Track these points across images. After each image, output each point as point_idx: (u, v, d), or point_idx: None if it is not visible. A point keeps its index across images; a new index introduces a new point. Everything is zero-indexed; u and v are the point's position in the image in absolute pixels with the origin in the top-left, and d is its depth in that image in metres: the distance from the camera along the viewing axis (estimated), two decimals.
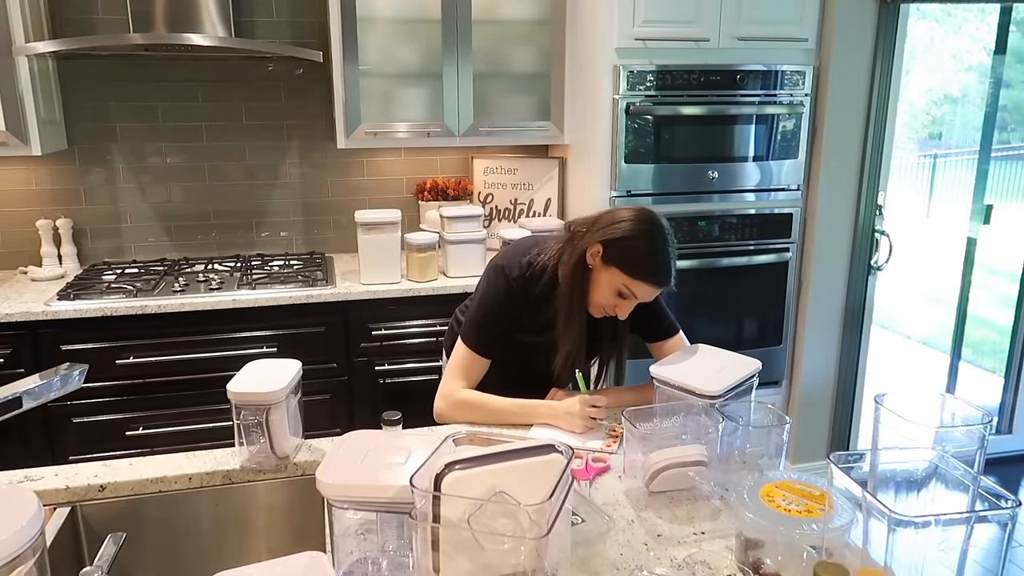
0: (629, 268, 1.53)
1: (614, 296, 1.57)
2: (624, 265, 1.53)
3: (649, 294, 1.56)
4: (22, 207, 2.80)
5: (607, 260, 1.55)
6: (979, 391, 3.69)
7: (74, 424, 2.43)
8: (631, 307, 1.58)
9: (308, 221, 3.09)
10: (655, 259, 1.53)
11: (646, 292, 1.55)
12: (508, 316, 1.66)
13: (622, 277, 1.54)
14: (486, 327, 1.67)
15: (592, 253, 1.57)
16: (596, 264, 1.57)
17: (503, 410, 1.60)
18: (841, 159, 2.87)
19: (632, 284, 1.54)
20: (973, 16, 3.79)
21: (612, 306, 1.59)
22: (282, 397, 1.32)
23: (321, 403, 2.60)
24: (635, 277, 1.53)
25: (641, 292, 1.55)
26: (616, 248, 1.54)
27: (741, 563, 1.09)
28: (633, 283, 1.53)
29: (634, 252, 1.53)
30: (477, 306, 1.70)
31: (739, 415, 1.35)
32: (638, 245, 1.53)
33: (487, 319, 1.67)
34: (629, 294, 1.55)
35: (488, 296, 1.68)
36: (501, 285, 1.65)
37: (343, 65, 2.66)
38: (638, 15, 2.53)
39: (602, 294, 1.58)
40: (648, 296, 1.56)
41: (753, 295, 2.90)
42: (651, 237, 1.53)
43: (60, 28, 2.68)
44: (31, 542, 0.79)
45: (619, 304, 1.58)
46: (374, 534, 1.06)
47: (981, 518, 0.91)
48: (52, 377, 1.09)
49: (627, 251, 1.53)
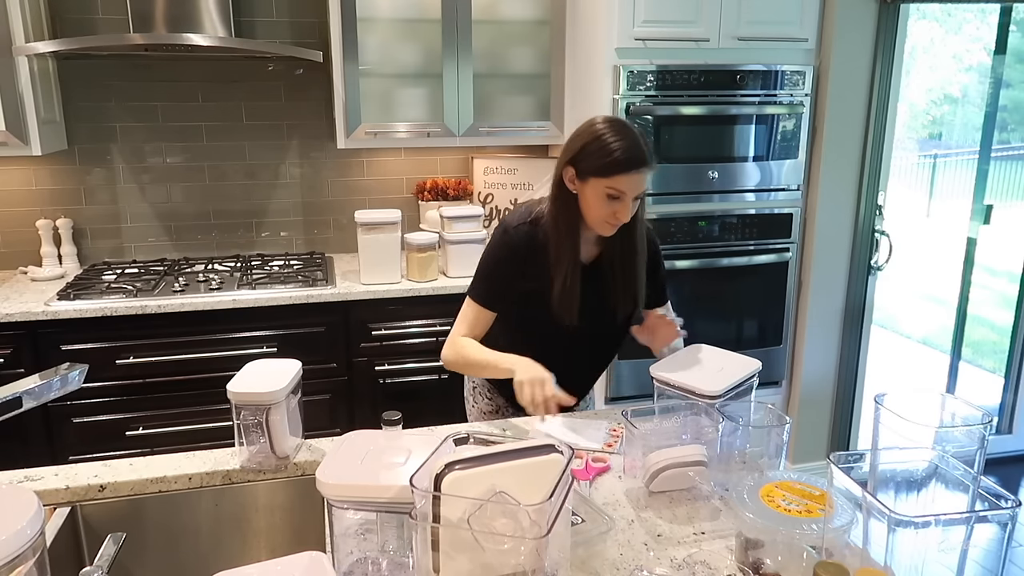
0: (605, 170, 1.51)
1: (607, 204, 1.53)
2: (599, 170, 1.51)
3: (637, 183, 1.52)
4: (22, 207, 2.80)
5: (583, 175, 1.54)
6: (979, 391, 3.69)
7: (74, 424, 2.43)
8: (629, 206, 1.54)
9: (308, 221, 3.09)
10: (623, 149, 1.50)
11: (631, 183, 1.51)
12: (511, 267, 1.65)
13: (603, 182, 1.51)
14: (489, 279, 1.68)
15: (568, 178, 1.56)
16: (577, 186, 1.56)
17: (478, 361, 1.63)
18: (841, 159, 2.87)
19: (615, 182, 1.51)
20: (973, 16, 3.79)
21: (611, 214, 1.54)
22: (282, 397, 1.32)
23: (321, 403, 2.60)
24: (614, 174, 1.50)
25: (626, 185, 1.51)
26: (584, 160, 1.53)
27: (741, 563, 1.09)
28: (615, 180, 1.50)
29: (601, 153, 1.51)
30: (481, 261, 1.71)
31: (739, 415, 1.35)
32: (600, 145, 1.51)
33: (490, 271, 1.68)
34: (618, 193, 1.52)
35: (490, 249, 1.69)
36: (502, 238, 1.66)
37: (343, 65, 2.66)
38: (638, 15, 2.53)
39: (595, 207, 1.55)
40: (637, 186, 1.52)
41: (753, 295, 2.90)
42: (608, 132, 1.51)
43: (60, 28, 2.68)
44: (31, 542, 0.79)
45: (616, 209, 1.54)
46: (374, 534, 1.06)
47: (981, 518, 0.91)
48: (52, 377, 1.09)
49: (594, 156, 1.51)
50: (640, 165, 1.50)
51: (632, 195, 1.52)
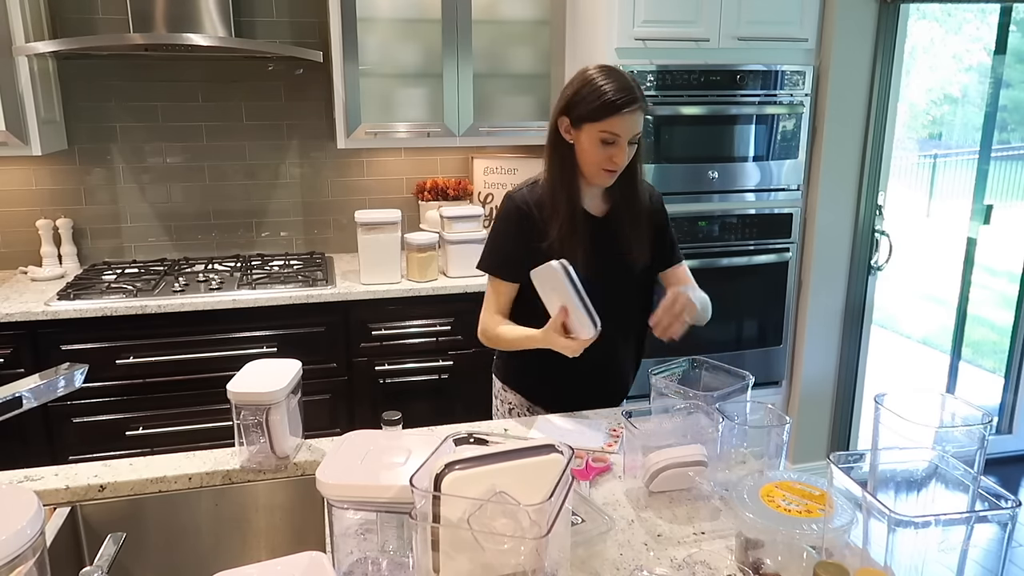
0: (596, 114, 1.52)
1: (602, 149, 1.54)
2: (591, 115, 1.52)
3: (630, 124, 1.52)
4: (22, 207, 2.80)
5: (576, 123, 1.55)
6: (979, 391, 3.69)
7: (74, 424, 2.43)
8: (624, 151, 1.55)
9: (308, 221, 3.09)
10: (612, 90, 1.50)
11: (624, 124, 1.52)
12: (519, 230, 1.64)
13: (596, 126, 1.52)
14: (501, 248, 1.68)
15: (564, 128, 1.58)
16: (572, 135, 1.57)
17: (513, 339, 1.63)
18: (841, 159, 2.87)
19: (608, 125, 1.51)
20: (973, 16, 3.79)
21: (607, 159, 1.55)
22: (282, 397, 1.32)
23: (321, 403, 2.60)
24: (605, 116, 1.51)
25: (619, 127, 1.51)
26: (576, 107, 1.54)
27: (741, 563, 1.09)
28: (608, 123, 1.51)
29: (591, 97, 1.52)
30: (490, 234, 1.71)
31: (738, 415, 1.35)
32: (591, 89, 1.52)
33: (500, 240, 1.68)
34: (612, 137, 1.52)
35: (497, 220, 1.70)
36: (506, 204, 1.67)
37: (343, 65, 2.66)
38: (638, 15, 2.53)
39: (591, 154, 1.56)
40: (630, 127, 1.53)
41: (753, 295, 2.90)
42: (599, 76, 1.53)
43: (60, 28, 2.68)
44: (31, 542, 0.79)
45: (612, 154, 1.55)
46: (374, 534, 1.06)
47: (981, 518, 0.91)
48: (52, 377, 1.09)
49: (585, 101, 1.53)
50: (630, 104, 1.51)
51: (626, 137, 1.53)
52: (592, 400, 1.70)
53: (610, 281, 1.66)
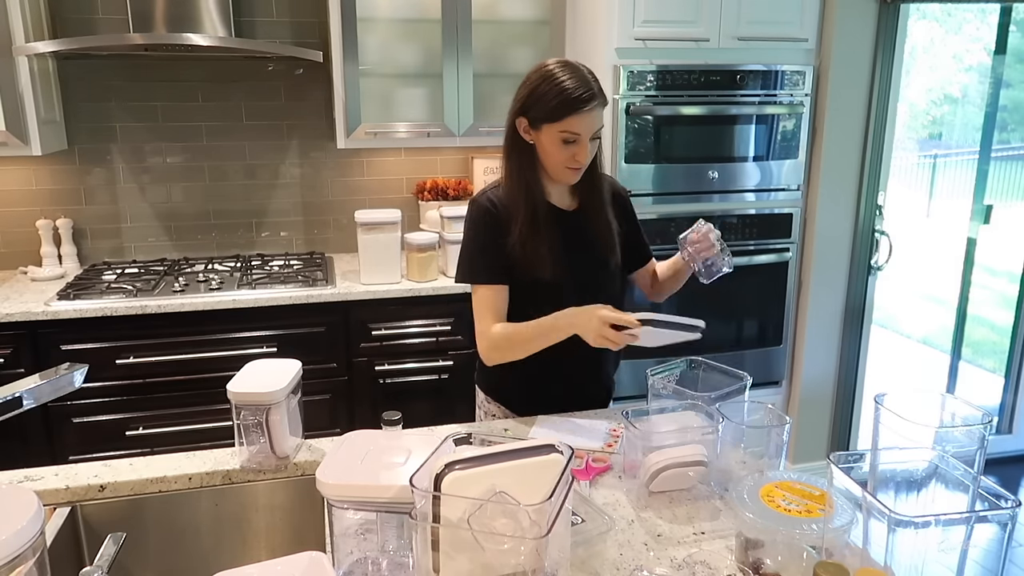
0: (555, 114, 1.49)
1: (563, 148, 1.52)
2: (551, 115, 1.49)
3: (589, 122, 1.50)
4: (22, 207, 2.80)
5: (535, 124, 1.52)
6: (979, 391, 3.69)
7: (74, 424, 2.43)
8: (586, 148, 1.52)
9: (308, 221, 3.09)
10: (570, 88, 1.47)
11: (584, 122, 1.49)
12: (493, 231, 1.60)
13: (556, 127, 1.50)
14: (481, 252, 1.62)
15: (522, 129, 1.55)
16: (532, 135, 1.55)
17: (534, 335, 1.55)
18: (841, 159, 2.87)
19: (568, 124, 1.49)
20: (973, 16, 3.79)
21: (570, 157, 1.53)
22: (282, 397, 1.32)
23: (321, 403, 2.60)
24: (566, 116, 1.48)
25: (579, 125, 1.49)
26: (535, 108, 1.51)
27: (741, 563, 1.09)
28: (568, 123, 1.49)
29: (549, 97, 1.49)
30: (463, 243, 1.65)
31: (736, 416, 1.35)
32: (546, 88, 1.49)
33: (477, 244, 1.62)
34: (572, 136, 1.50)
35: (467, 225, 1.64)
36: (472, 208, 1.63)
37: (343, 65, 2.66)
38: (638, 15, 2.53)
39: (553, 154, 1.54)
40: (590, 125, 1.50)
41: (753, 295, 2.90)
42: (552, 73, 1.50)
43: (60, 28, 2.68)
44: (31, 542, 0.79)
45: (574, 152, 1.52)
46: (374, 534, 1.06)
47: (981, 518, 0.91)
48: (52, 377, 1.09)
49: (544, 101, 1.50)
50: (589, 102, 1.48)
51: (587, 135, 1.51)
52: (577, 406, 1.68)
53: (583, 276, 1.64)
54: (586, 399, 1.72)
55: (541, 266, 1.57)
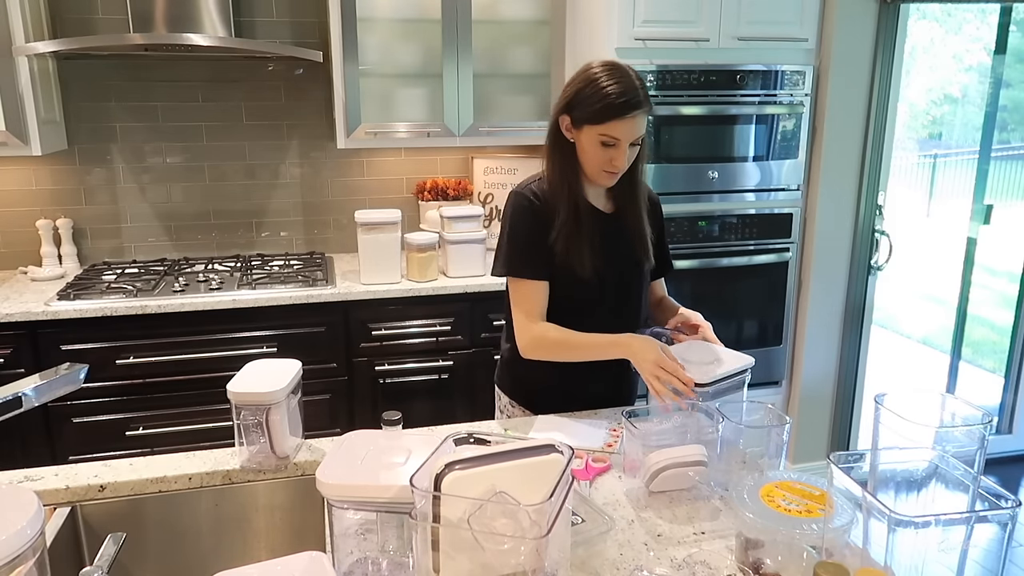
0: (598, 117, 1.49)
1: (602, 151, 1.52)
2: (593, 117, 1.50)
3: (630, 129, 1.50)
4: (22, 207, 2.80)
5: (577, 123, 1.53)
6: (979, 391, 3.69)
7: (74, 424, 2.43)
8: (624, 154, 1.52)
9: (308, 221, 3.09)
10: (615, 94, 1.47)
11: (625, 128, 1.49)
12: (539, 224, 1.59)
13: (597, 129, 1.50)
14: (525, 247, 1.60)
15: (565, 127, 1.55)
16: (573, 134, 1.55)
17: (587, 346, 1.55)
18: (841, 159, 2.87)
19: (608, 128, 1.49)
20: (973, 16, 3.79)
21: (608, 161, 1.53)
22: (282, 397, 1.32)
23: (321, 403, 2.60)
24: (607, 120, 1.48)
25: (620, 131, 1.49)
26: (578, 108, 1.51)
27: (741, 563, 1.09)
28: (608, 127, 1.49)
29: (593, 100, 1.49)
30: (507, 234, 1.63)
31: (736, 416, 1.36)
32: (593, 91, 1.49)
33: (522, 238, 1.61)
34: (612, 140, 1.50)
35: (513, 217, 1.63)
36: (518, 200, 1.62)
37: (343, 65, 2.66)
38: (638, 15, 2.53)
39: (591, 156, 1.54)
40: (631, 131, 1.50)
41: (753, 295, 2.90)
42: (602, 76, 1.50)
43: (60, 28, 2.68)
44: (31, 542, 0.79)
45: (612, 156, 1.52)
46: (374, 534, 1.06)
47: (981, 518, 0.91)
48: (52, 377, 1.09)
49: (587, 103, 1.50)
50: (632, 109, 1.48)
51: (627, 141, 1.51)
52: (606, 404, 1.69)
53: (621, 277, 1.66)
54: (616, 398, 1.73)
55: (581, 264, 1.58)
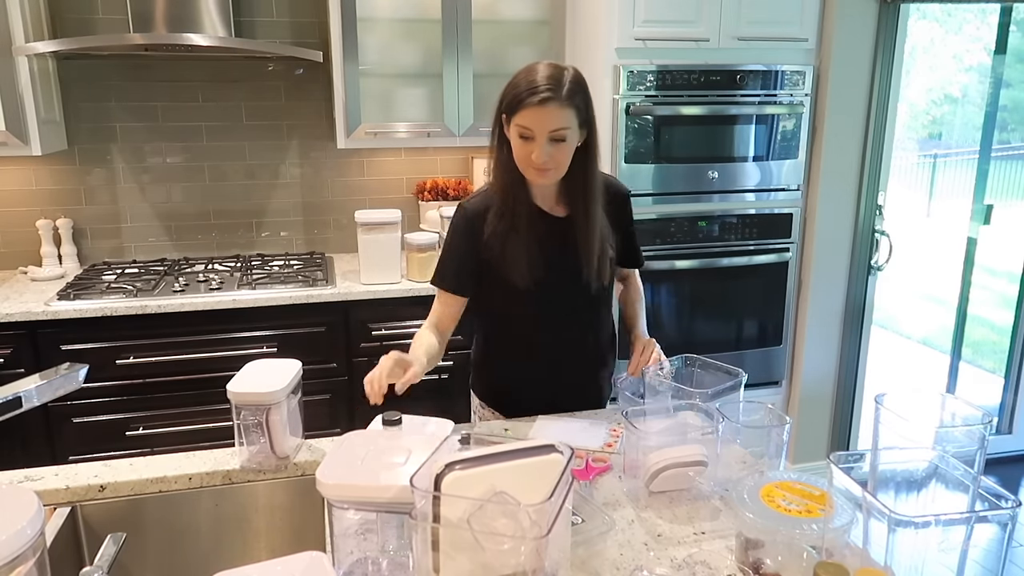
0: (512, 107, 1.46)
1: (522, 144, 1.48)
2: (509, 107, 1.48)
3: (541, 119, 1.44)
4: (22, 207, 2.80)
5: (506, 120, 1.51)
6: (979, 391, 3.69)
7: (74, 424, 2.43)
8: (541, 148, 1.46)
9: (308, 221, 3.09)
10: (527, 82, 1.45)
11: (535, 118, 1.44)
12: (468, 239, 1.59)
13: (514, 120, 1.47)
14: (449, 258, 1.65)
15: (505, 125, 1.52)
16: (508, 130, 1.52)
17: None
18: (841, 159, 2.87)
19: (520, 118, 1.45)
20: (973, 16, 3.79)
21: (528, 155, 1.48)
22: (282, 397, 1.32)
23: (321, 403, 2.60)
24: (518, 109, 1.45)
25: (530, 120, 1.44)
26: (503, 101, 1.51)
27: (741, 563, 1.09)
28: (520, 116, 1.45)
29: (509, 90, 1.49)
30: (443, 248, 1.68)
31: (736, 416, 1.36)
32: (512, 83, 1.49)
33: (449, 251, 1.65)
34: (527, 131, 1.46)
35: (449, 231, 1.65)
36: (457, 213, 1.63)
37: (343, 65, 2.66)
38: (638, 15, 2.53)
39: (516, 150, 1.51)
40: (542, 123, 1.44)
41: (753, 295, 2.90)
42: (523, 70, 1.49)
43: (60, 28, 2.68)
44: (31, 542, 0.79)
45: (532, 149, 1.46)
46: (374, 534, 1.06)
47: (981, 518, 0.91)
48: (52, 377, 1.09)
49: (505, 95, 1.50)
50: (539, 97, 1.42)
51: (540, 132, 1.45)
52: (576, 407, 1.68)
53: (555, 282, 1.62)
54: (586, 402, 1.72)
55: (517, 271, 1.57)
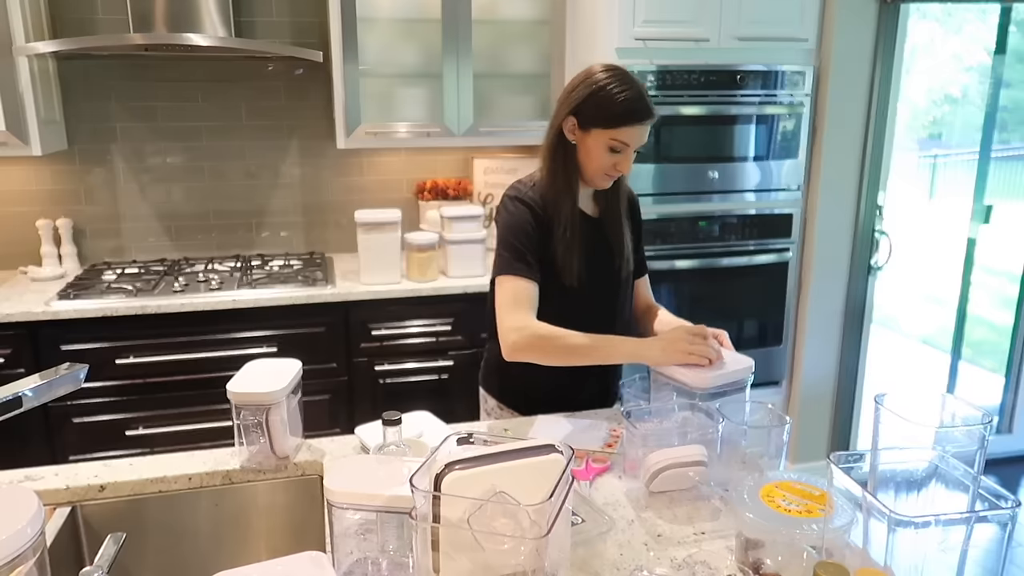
0: (609, 121, 1.50)
1: (608, 155, 1.53)
2: (603, 121, 1.50)
3: (640, 135, 1.52)
4: (22, 207, 2.80)
5: (584, 126, 1.53)
6: (979, 391, 3.69)
7: (74, 424, 2.43)
8: (630, 159, 1.54)
9: (308, 221, 3.09)
10: (629, 100, 1.49)
11: (636, 135, 1.51)
12: (535, 228, 1.58)
13: (607, 133, 1.50)
14: (519, 247, 1.56)
15: (569, 128, 1.54)
16: (577, 136, 1.55)
17: (585, 347, 1.49)
18: (841, 159, 2.87)
19: (619, 134, 1.50)
20: (973, 16, 3.79)
21: (611, 165, 1.54)
22: (282, 397, 1.32)
23: (321, 403, 2.60)
24: (619, 125, 1.50)
25: (630, 136, 1.51)
26: (588, 110, 1.51)
27: (741, 563, 1.09)
28: (619, 132, 1.50)
29: (606, 104, 1.50)
30: (502, 236, 1.59)
31: (736, 416, 1.36)
32: (605, 95, 1.50)
33: (516, 239, 1.57)
34: (621, 145, 1.52)
35: (510, 219, 1.59)
36: (515, 204, 1.60)
37: (343, 65, 2.66)
38: (638, 15, 2.53)
39: (596, 159, 1.54)
40: (641, 138, 1.53)
41: (753, 295, 2.90)
42: (613, 82, 1.50)
43: (60, 28, 2.68)
44: (31, 542, 0.79)
45: (617, 161, 1.53)
46: (374, 534, 1.06)
47: (981, 518, 0.91)
48: (52, 377, 1.09)
49: (599, 107, 1.50)
50: (646, 117, 1.51)
51: (635, 147, 1.53)
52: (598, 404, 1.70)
53: (605, 283, 1.66)
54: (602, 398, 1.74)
55: (569, 272, 1.58)
